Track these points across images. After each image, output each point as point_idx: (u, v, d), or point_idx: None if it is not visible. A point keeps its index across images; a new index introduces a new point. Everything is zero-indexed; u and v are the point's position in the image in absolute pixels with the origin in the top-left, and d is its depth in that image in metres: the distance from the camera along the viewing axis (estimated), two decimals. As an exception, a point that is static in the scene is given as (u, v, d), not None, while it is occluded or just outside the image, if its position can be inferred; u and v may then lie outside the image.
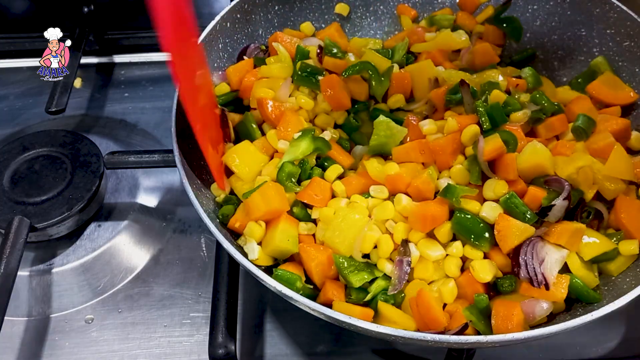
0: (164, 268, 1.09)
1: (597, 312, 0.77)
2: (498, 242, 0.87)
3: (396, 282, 0.87)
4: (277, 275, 0.87)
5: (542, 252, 0.85)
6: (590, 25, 1.14)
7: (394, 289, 0.86)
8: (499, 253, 0.88)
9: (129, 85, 1.39)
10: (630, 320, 1.02)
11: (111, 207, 1.15)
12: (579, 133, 0.99)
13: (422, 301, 0.84)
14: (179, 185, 1.19)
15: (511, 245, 0.85)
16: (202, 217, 0.86)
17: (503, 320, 0.83)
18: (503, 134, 0.92)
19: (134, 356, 0.98)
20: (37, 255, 1.08)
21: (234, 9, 1.11)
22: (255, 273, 0.81)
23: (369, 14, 1.27)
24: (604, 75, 1.10)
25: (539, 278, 0.83)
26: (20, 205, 1.07)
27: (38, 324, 1.02)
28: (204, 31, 1.07)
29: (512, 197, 0.88)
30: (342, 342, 1.00)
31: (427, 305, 0.83)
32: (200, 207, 0.86)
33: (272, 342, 1.00)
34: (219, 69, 1.11)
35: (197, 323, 1.02)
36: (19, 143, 1.16)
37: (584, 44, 1.16)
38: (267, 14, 1.18)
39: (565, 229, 0.86)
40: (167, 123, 1.34)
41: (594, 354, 0.99)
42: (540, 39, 1.22)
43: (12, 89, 1.39)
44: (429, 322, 0.84)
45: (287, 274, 0.87)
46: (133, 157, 1.12)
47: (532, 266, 0.84)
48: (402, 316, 0.85)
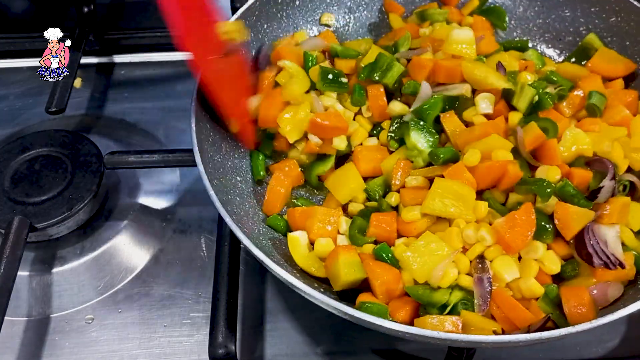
0: (164, 268, 1.09)
1: None
2: (560, 230, 0.86)
3: (481, 302, 0.84)
4: (365, 307, 0.84)
5: (602, 234, 0.85)
6: (574, 6, 1.17)
7: (480, 309, 0.83)
8: (559, 242, 0.88)
9: (129, 85, 1.39)
10: (630, 320, 1.02)
11: (111, 207, 1.15)
12: (593, 110, 1.00)
13: (503, 301, 0.83)
14: (179, 185, 1.19)
15: (574, 231, 0.85)
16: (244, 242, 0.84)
17: (575, 306, 0.83)
18: (541, 122, 0.92)
19: (134, 356, 0.98)
20: (37, 255, 1.08)
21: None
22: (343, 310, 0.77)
23: (354, 20, 1.27)
24: (600, 51, 1.12)
25: (612, 260, 0.83)
26: (20, 205, 1.07)
27: (38, 324, 1.02)
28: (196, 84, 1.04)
29: (566, 185, 0.88)
30: (342, 342, 1.00)
31: (510, 304, 0.83)
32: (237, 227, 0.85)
33: (272, 342, 1.00)
34: None
35: (197, 323, 1.02)
36: (19, 143, 1.16)
37: (569, 24, 1.18)
38: (257, 34, 1.16)
39: (615, 207, 0.86)
40: (167, 123, 1.34)
41: (594, 354, 0.99)
42: (526, 24, 1.24)
43: (12, 89, 1.39)
44: (516, 320, 0.83)
45: (377, 305, 0.85)
46: (133, 157, 1.12)
47: (602, 250, 0.84)
48: (486, 321, 0.84)
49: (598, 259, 0.84)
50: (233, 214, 0.90)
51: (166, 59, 1.43)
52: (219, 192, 0.91)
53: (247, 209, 1.00)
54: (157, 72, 1.42)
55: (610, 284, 0.85)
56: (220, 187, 0.95)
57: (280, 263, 0.89)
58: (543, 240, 0.87)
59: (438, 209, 0.88)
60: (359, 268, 0.87)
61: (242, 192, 1.02)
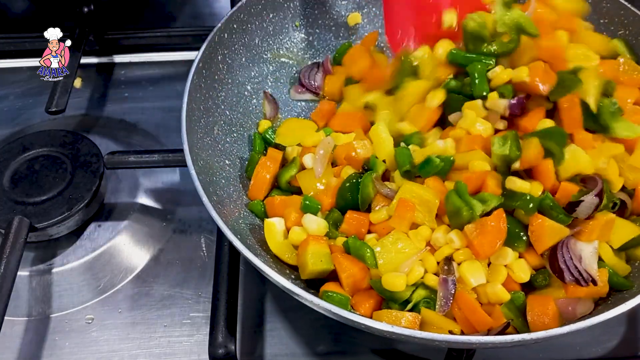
0: (164, 268, 1.09)
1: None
2: (532, 242, 0.85)
3: (442, 302, 0.84)
4: (327, 296, 0.86)
5: (577, 249, 0.84)
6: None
7: (441, 309, 0.84)
8: (532, 252, 0.87)
9: (129, 85, 1.39)
10: (630, 320, 1.02)
11: (111, 207, 1.15)
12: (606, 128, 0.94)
13: (464, 303, 0.83)
14: (179, 185, 1.19)
15: (545, 246, 0.84)
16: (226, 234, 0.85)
17: (539, 316, 0.82)
18: (547, 139, 0.87)
19: (134, 356, 0.98)
20: (37, 255, 1.08)
21: (230, 19, 1.11)
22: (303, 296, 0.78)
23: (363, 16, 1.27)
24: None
25: (584, 276, 0.82)
26: (20, 205, 1.07)
27: (38, 324, 1.02)
28: (203, 44, 1.06)
29: (546, 198, 0.86)
30: (342, 342, 1.00)
31: (471, 306, 0.82)
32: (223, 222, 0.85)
33: (272, 342, 1.00)
34: (220, 82, 1.11)
35: (197, 323, 1.02)
36: (19, 143, 1.16)
37: None
38: (262, 22, 1.18)
39: (597, 223, 0.85)
40: (167, 123, 1.34)
41: (594, 354, 0.99)
42: None
43: (12, 89, 1.39)
44: (475, 323, 0.82)
45: (339, 295, 0.86)
46: (133, 157, 1.12)
47: (574, 266, 0.83)
48: (446, 321, 0.84)
49: (570, 275, 0.83)
50: (214, 194, 0.92)
51: (166, 59, 1.43)
52: (202, 172, 0.92)
53: (231, 192, 1.01)
54: (157, 72, 1.42)
55: (579, 301, 0.84)
56: (206, 168, 0.96)
57: (253, 247, 0.90)
58: (515, 249, 0.86)
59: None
60: (327, 259, 0.88)
61: (228, 175, 1.03)
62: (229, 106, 1.11)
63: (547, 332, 0.73)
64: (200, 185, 0.88)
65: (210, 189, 0.92)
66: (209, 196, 0.88)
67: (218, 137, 1.05)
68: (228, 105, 1.11)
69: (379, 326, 0.74)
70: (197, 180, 0.89)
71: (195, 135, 0.98)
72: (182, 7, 1.56)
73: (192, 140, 0.95)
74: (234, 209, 0.98)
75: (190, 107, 0.98)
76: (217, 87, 1.10)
